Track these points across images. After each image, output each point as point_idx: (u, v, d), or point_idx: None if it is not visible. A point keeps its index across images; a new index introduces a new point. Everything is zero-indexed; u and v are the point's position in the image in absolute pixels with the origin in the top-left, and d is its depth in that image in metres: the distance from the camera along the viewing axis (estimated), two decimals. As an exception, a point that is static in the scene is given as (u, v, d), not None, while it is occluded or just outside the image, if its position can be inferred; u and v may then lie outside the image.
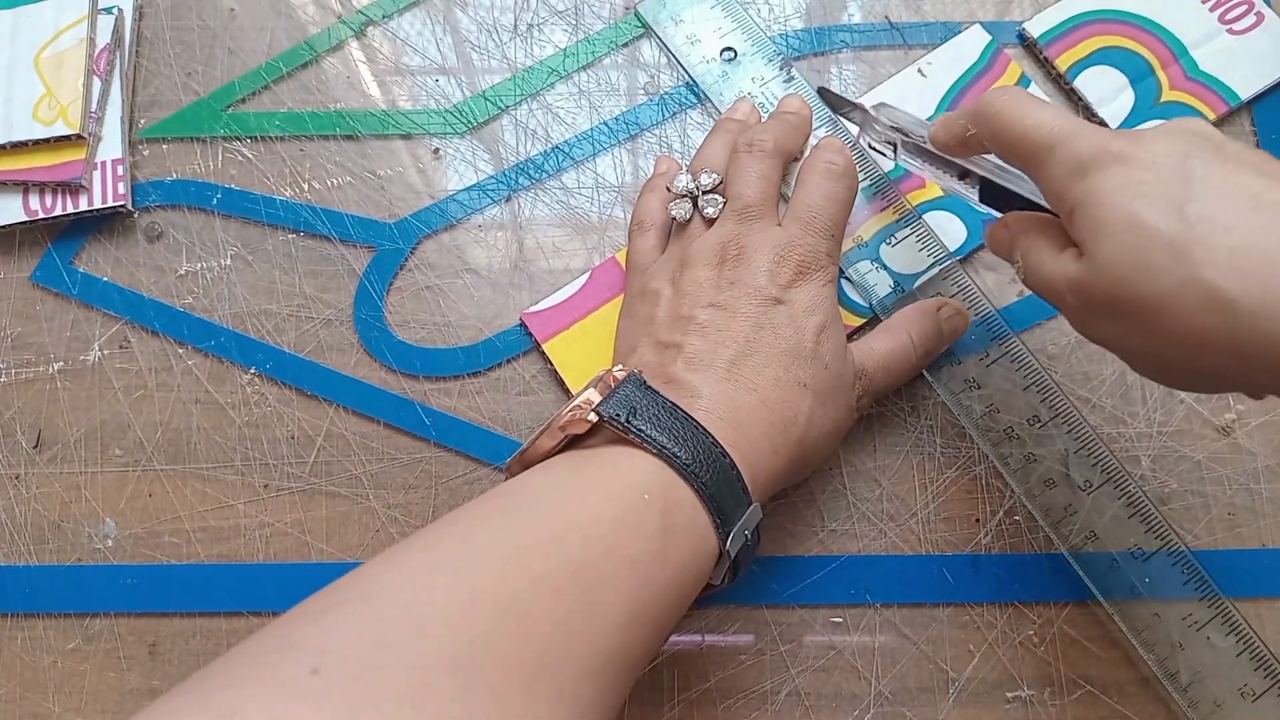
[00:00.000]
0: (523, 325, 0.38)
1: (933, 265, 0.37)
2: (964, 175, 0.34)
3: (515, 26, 0.43)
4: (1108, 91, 0.40)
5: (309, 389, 0.38)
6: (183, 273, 0.40)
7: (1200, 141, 0.27)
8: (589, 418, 0.28)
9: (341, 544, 0.37)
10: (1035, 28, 0.41)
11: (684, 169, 0.36)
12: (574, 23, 0.43)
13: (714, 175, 0.35)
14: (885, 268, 0.38)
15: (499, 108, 0.42)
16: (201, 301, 0.40)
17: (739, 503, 0.28)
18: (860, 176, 0.37)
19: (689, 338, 0.32)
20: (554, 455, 0.29)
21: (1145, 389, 0.37)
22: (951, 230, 0.38)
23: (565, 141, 0.41)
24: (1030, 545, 0.36)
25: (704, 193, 0.35)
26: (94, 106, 0.41)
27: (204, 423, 0.38)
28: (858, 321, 0.38)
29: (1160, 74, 0.40)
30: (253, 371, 0.39)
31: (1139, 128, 0.28)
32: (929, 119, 0.39)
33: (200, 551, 0.37)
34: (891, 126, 0.36)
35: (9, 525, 0.38)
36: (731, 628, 0.35)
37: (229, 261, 0.40)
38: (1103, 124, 0.39)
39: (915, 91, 0.40)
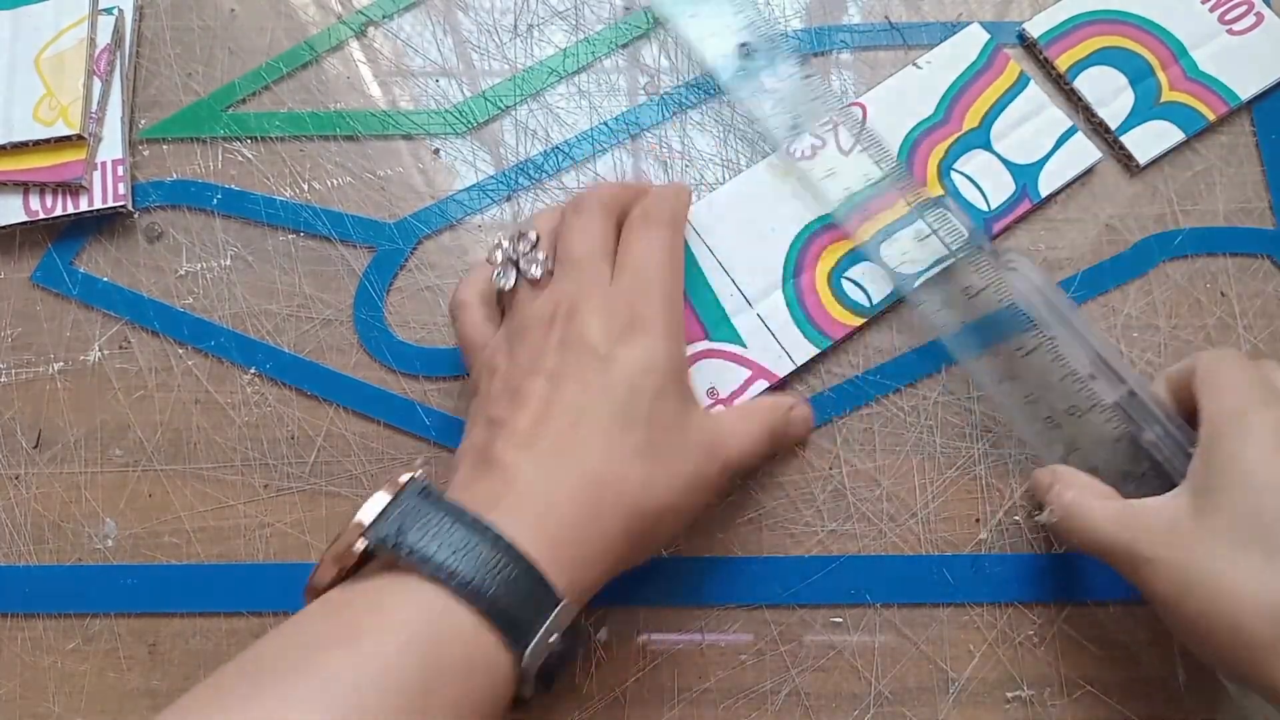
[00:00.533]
0: None
1: (932, 265, 0.37)
2: (1094, 376, 0.33)
3: (515, 27, 0.43)
4: (1108, 91, 0.40)
5: (309, 389, 0.38)
6: (183, 273, 0.40)
7: None
8: (356, 548, 0.26)
9: (341, 544, 0.37)
10: (1035, 28, 0.41)
11: (502, 239, 0.34)
12: (574, 23, 0.43)
13: (531, 234, 0.33)
14: (885, 268, 0.37)
15: (499, 108, 0.42)
16: (201, 301, 0.40)
17: (540, 607, 0.26)
18: (858, 176, 0.37)
19: (516, 412, 0.29)
20: (339, 582, 0.27)
21: (1145, 389, 0.37)
22: (949, 230, 0.38)
23: (565, 142, 0.41)
24: (1030, 545, 0.36)
25: (524, 254, 0.33)
26: (94, 107, 0.41)
27: (204, 423, 0.38)
28: (857, 321, 0.37)
29: (1160, 74, 0.40)
30: (253, 371, 0.39)
31: None
32: (927, 120, 0.39)
33: (200, 551, 0.37)
34: (1028, 292, 0.35)
35: (9, 525, 0.38)
36: (731, 628, 0.35)
37: (229, 262, 0.40)
38: (1102, 124, 0.39)
39: (914, 90, 0.40)
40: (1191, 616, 0.28)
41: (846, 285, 0.38)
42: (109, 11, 0.43)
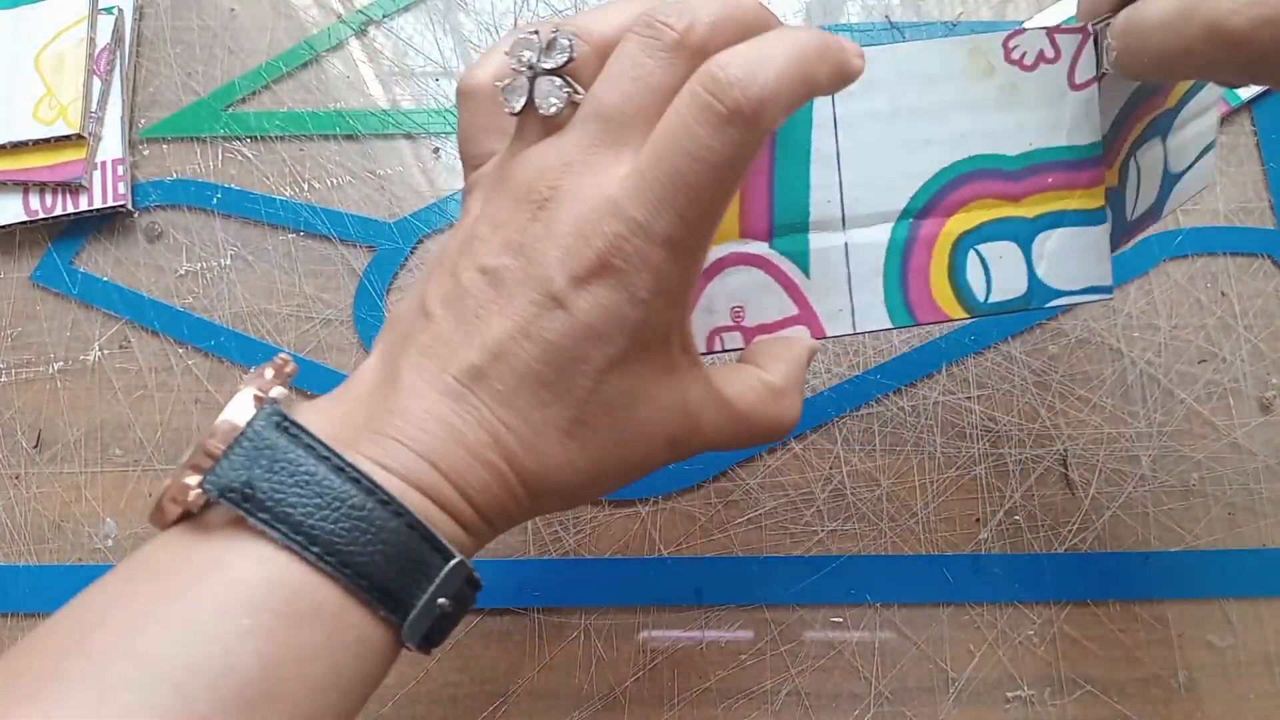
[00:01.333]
0: None
1: (1086, 290, 0.28)
2: None
3: (515, 26, 0.43)
4: None
5: (309, 389, 0.38)
6: (183, 273, 0.40)
7: None
8: (190, 498, 0.21)
9: (341, 544, 0.37)
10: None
11: (537, 32, 0.23)
12: (574, 22, 0.43)
13: (568, 44, 0.23)
14: (1028, 261, 0.28)
15: (499, 107, 0.42)
16: (201, 301, 0.40)
17: (426, 567, 0.21)
18: (1055, 133, 0.27)
19: (445, 316, 0.23)
20: (176, 524, 0.22)
21: (1145, 389, 0.37)
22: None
23: (565, 141, 0.41)
24: (1030, 545, 0.36)
25: (544, 70, 0.23)
26: (94, 106, 0.41)
27: (204, 423, 0.38)
28: (958, 313, 0.28)
29: None
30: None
31: None
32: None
33: (200, 551, 0.37)
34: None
35: (9, 525, 0.38)
36: (731, 627, 0.35)
37: (229, 261, 0.40)
38: None
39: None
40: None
41: (971, 259, 0.28)
42: (109, 11, 0.43)
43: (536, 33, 0.23)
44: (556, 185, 0.22)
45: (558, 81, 0.22)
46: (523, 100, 0.23)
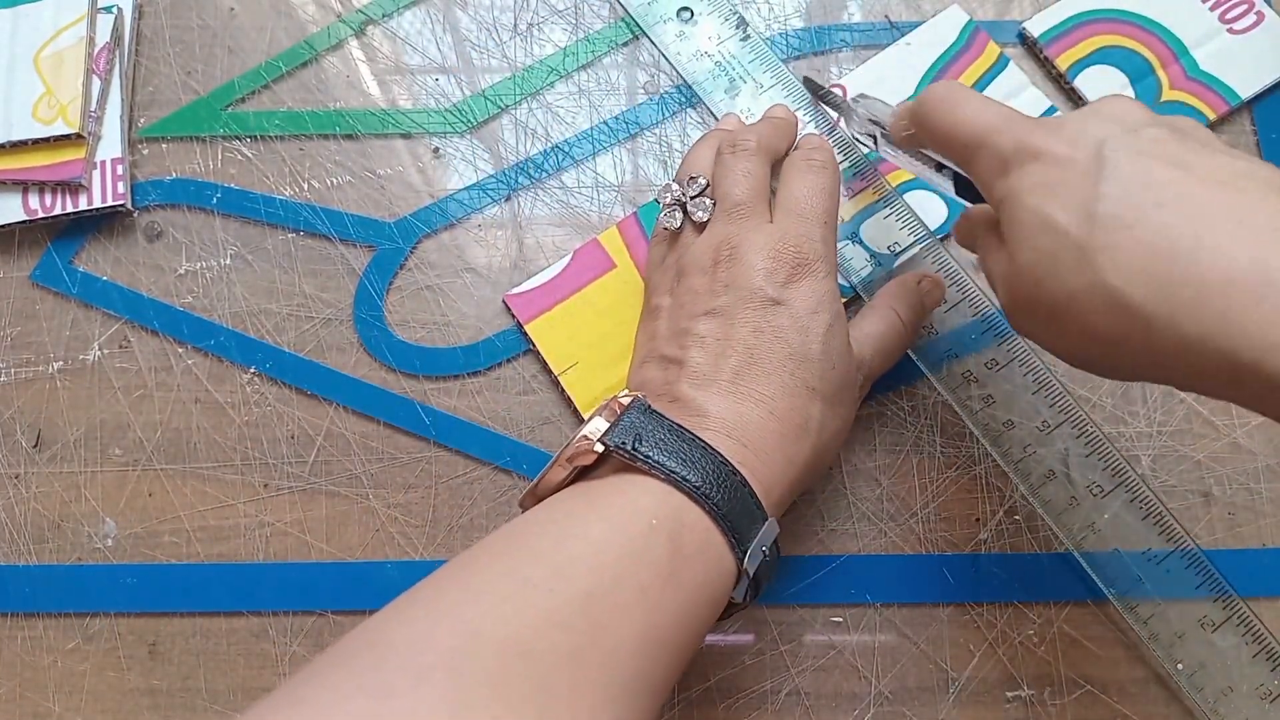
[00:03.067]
0: (505, 306, 0.39)
1: (914, 243, 0.37)
2: (940, 168, 0.34)
3: (515, 25, 0.43)
4: (1108, 91, 0.40)
5: (309, 389, 0.38)
6: (182, 272, 0.40)
7: (1117, 131, 0.26)
8: (595, 448, 0.28)
9: (341, 544, 0.37)
10: (1035, 27, 0.41)
11: (672, 180, 0.35)
12: (574, 22, 0.43)
13: (701, 179, 0.34)
14: (865, 246, 0.38)
15: (499, 107, 0.42)
16: (201, 301, 0.40)
17: (754, 520, 0.28)
18: (839, 158, 0.38)
19: (689, 352, 0.31)
20: (565, 487, 0.29)
21: (1145, 389, 0.37)
22: (932, 209, 0.39)
23: (565, 141, 0.41)
24: (1030, 545, 0.36)
25: (691, 198, 0.34)
26: (93, 106, 0.41)
27: (204, 422, 0.38)
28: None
29: (1160, 73, 0.40)
30: (253, 371, 0.39)
31: (1065, 115, 0.28)
32: (908, 99, 0.39)
33: (200, 551, 0.37)
34: (870, 119, 0.36)
35: (9, 525, 0.38)
36: (731, 628, 0.35)
37: (229, 261, 0.40)
38: None
39: (895, 71, 0.40)
40: (1068, 346, 0.27)
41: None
42: (108, 10, 0.42)
43: (674, 183, 0.35)
44: (734, 245, 0.32)
45: (704, 200, 0.34)
46: (679, 219, 0.34)
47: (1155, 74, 0.40)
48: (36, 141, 0.40)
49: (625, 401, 0.29)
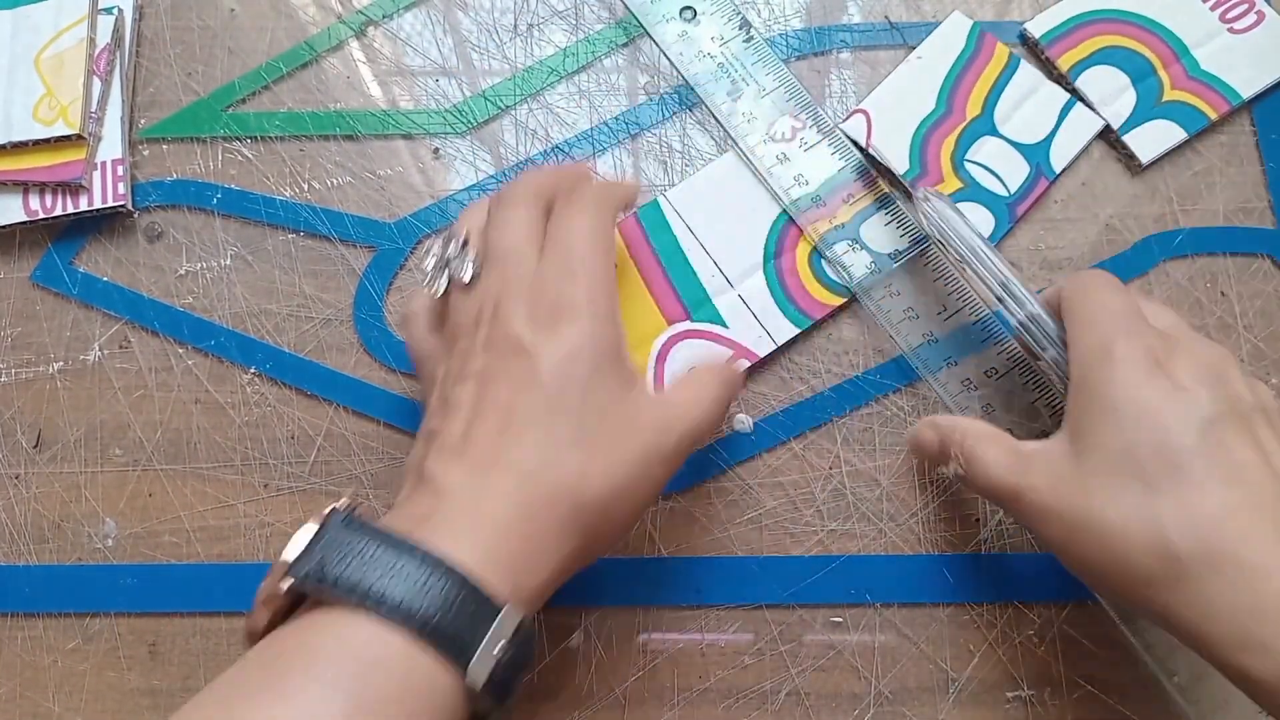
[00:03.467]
0: None
1: (912, 246, 0.37)
2: (1001, 300, 0.34)
3: (515, 26, 0.43)
4: (1110, 91, 0.40)
5: (309, 389, 0.38)
6: (183, 273, 0.40)
7: (1225, 410, 0.28)
8: (282, 588, 0.25)
9: (341, 544, 0.37)
10: (1036, 28, 0.41)
11: (434, 243, 0.33)
12: (574, 22, 0.43)
13: (463, 235, 0.32)
14: (865, 248, 0.38)
15: (499, 108, 0.42)
16: (201, 301, 0.40)
17: (480, 618, 0.25)
18: (837, 159, 0.38)
19: (447, 422, 0.29)
20: (275, 625, 0.26)
21: (1145, 389, 0.37)
22: (981, 220, 0.38)
23: (565, 141, 0.41)
24: (1030, 545, 0.36)
25: (453, 258, 0.31)
26: (94, 106, 0.41)
27: (204, 423, 0.38)
28: (838, 301, 0.38)
29: (1162, 73, 0.40)
30: (253, 371, 0.39)
31: (1189, 341, 0.30)
32: (931, 115, 0.40)
33: (200, 551, 0.37)
34: (939, 224, 0.35)
35: (9, 525, 0.38)
36: (731, 628, 0.35)
37: (229, 261, 0.40)
38: (1107, 126, 0.39)
39: (912, 87, 0.40)
40: (1082, 558, 0.28)
41: (825, 265, 0.38)
42: (109, 11, 0.43)
43: (436, 243, 0.32)
44: (497, 299, 0.30)
45: (468, 256, 0.31)
46: (444, 282, 0.31)
47: (1157, 74, 0.40)
48: (37, 142, 0.40)
49: (325, 513, 0.27)
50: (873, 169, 0.39)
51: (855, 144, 0.39)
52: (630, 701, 0.34)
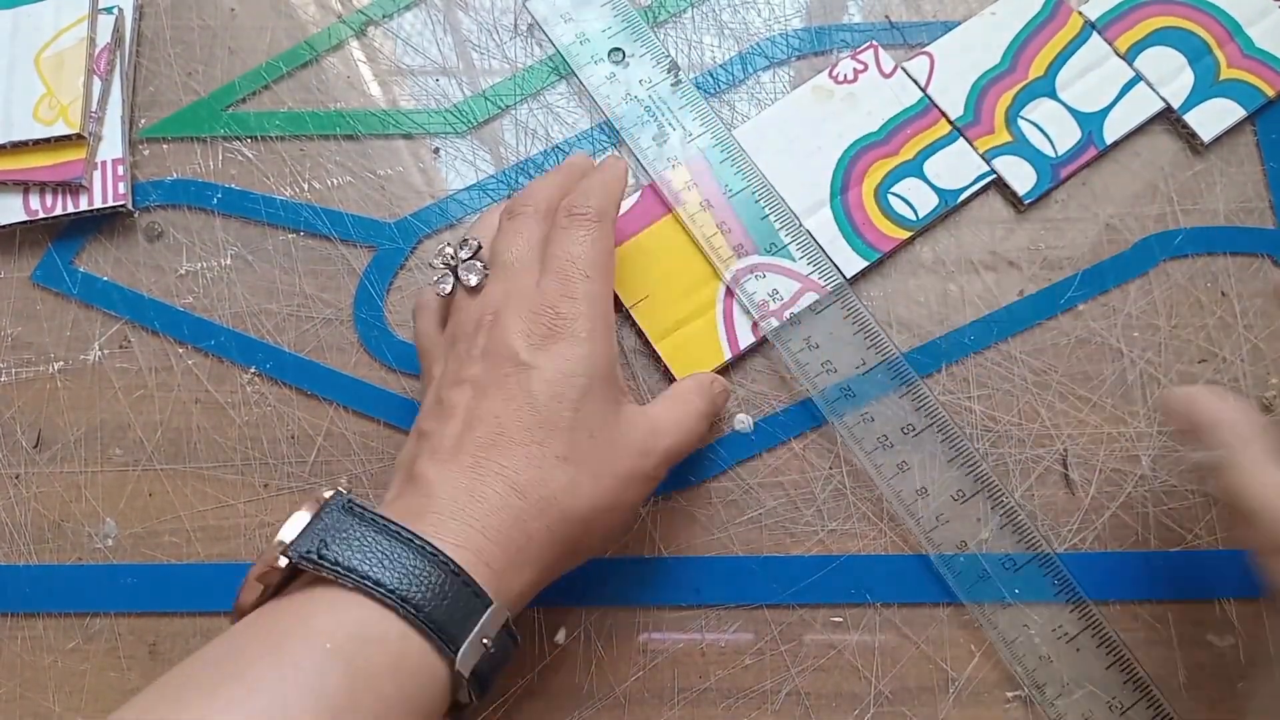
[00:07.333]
0: None
1: (976, 180, 0.39)
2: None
3: (515, 26, 0.43)
4: (1168, 71, 0.40)
5: (309, 389, 0.38)
6: (183, 272, 0.40)
7: None
8: (279, 564, 0.26)
9: (341, 544, 0.37)
10: (1092, 10, 0.41)
11: (447, 244, 0.34)
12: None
13: (473, 242, 0.33)
14: (929, 183, 0.39)
15: (499, 107, 0.42)
16: (201, 301, 0.40)
17: (470, 612, 0.26)
18: (894, 105, 0.40)
19: (440, 424, 0.30)
20: (265, 601, 0.27)
21: (1145, 389, 0.37)
22: (1022, 175, 0.39)
23: (565, 141, 0.41)
24: (1030, 545, 0.36)
25: (463, 261, 0.33)
26: (94, 106, 0.41)
27: (204, 422, 0.38)
28: (905, 234, 0.38)
29: (1218, 52, 0.40)
30: (253, 371, 0.39)
31: None
32: (994, 69, 0.41)
33: (200, 551, 0.37)
34: None
35: (9, 525, 0.38)
36: (731, 627, 0.35)
37: (229, 261, 0.40)
38: (1167, 107, 0.40)
39: (979, 40, 0.41)
40: None
41: (893, 200, 0.39)
42: (109, 11, 0.43)
43: (449, 245, 0.33)
44: (496, 310, 0.31)
45: (475, 264, 0.32)
46: (450, 285, 0.33)
47: (1212, 53, 0.40)
48: (37, 142, 0.40)
49: (325, 496, 0.27)
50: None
51: (915, 82, 0.40)
52: (630, 701, 0.34)
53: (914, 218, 0.38)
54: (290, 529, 0.26)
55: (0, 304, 0.40)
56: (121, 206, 0.40)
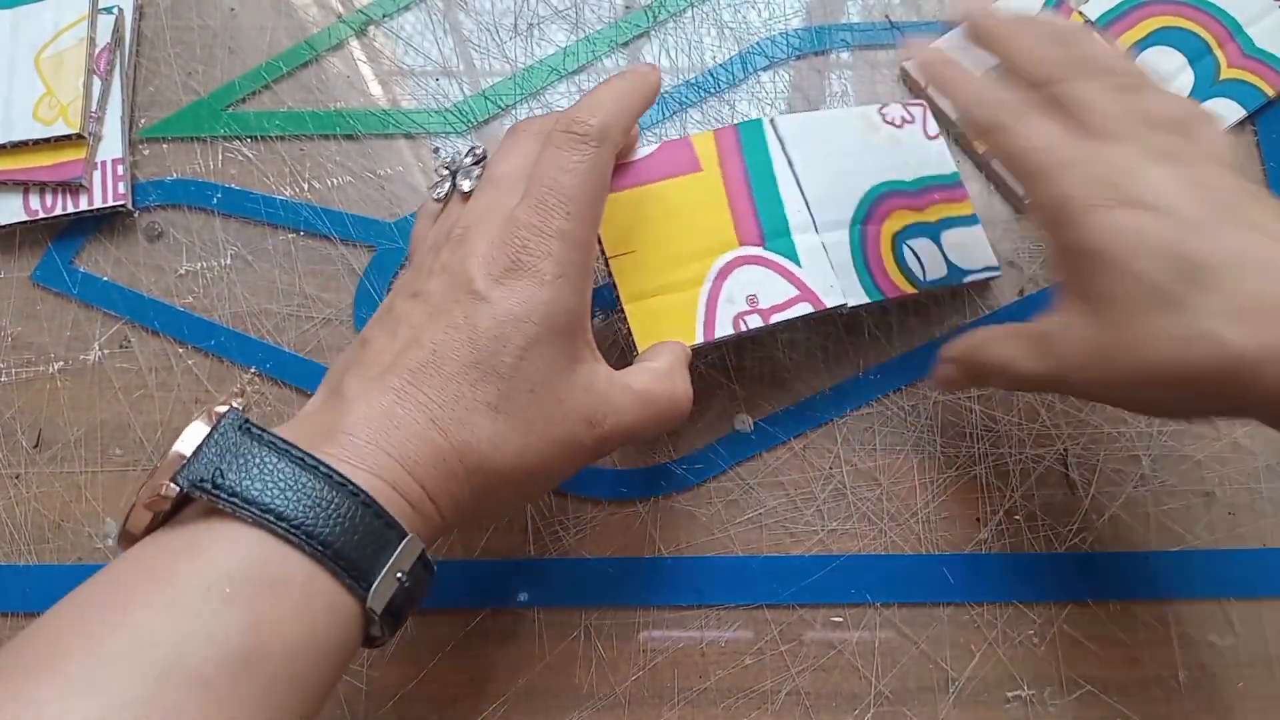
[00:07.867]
0: None
1: (983, 269, 0.37)
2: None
3: (515, 25, 0.43)
4: (1168, 71, 0.40)
5: (309, 389, 0.38)
6: (183, 272, 0.40)
7: (1204, 197, 0.26)
8: (167, 493, 0.23)
9: (341, 544, 0.37)
10: (1092, 10, 0.41)
11: (460, 149, 0.32)
12: (574, 22, 0.43)
13: (481, 150, 0.32)
14: (943, 253, 0.37)
15: (499, 107, 0.42)
16: (201, 301, 0.40)
17: (383, 543, 0.24)
18: (930, 168, 0.38)
19: (383, 334, 0.27)
20: (156, 528, 0.24)
21: (1145, 389, 0.37)
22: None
23: (565, 141, 0.41)
24: (1030, 545, 0.36)
25: (464, 167, 0.31)
26: (94, 106, 0.41)
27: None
28: (909, 289, 0.36)
29: (1217, 52, 0.41)
30: (253, 371, 0.39)
31: (1130, 129, 0.28)
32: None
33: (200, 551, 0.37)
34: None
35: (9, 525, 0.38)
36: (731, 627, 0.35)
37: (229, 261, 0.40)
38: None
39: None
40: (1152, 402, 0.28)
41: (907, 252, 0.37)
42: (109, 11, 0.43)
43: (460, 150, 0.32)
44: (468, 226, 0.28)
45: (476, 170, 0.31)
46: (445, 189, 0.31)
47: (1212, 53, 0.41)
48: (37, 142, 0.40)
49: (219, 411, 0.24)
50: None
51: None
52: (630, 701, 0.34)
53: (921, 278, 0.37)
54: (187, 441, 0.23)
55: (0, 304, 0.40)
56: (121, 206, 0.40)
